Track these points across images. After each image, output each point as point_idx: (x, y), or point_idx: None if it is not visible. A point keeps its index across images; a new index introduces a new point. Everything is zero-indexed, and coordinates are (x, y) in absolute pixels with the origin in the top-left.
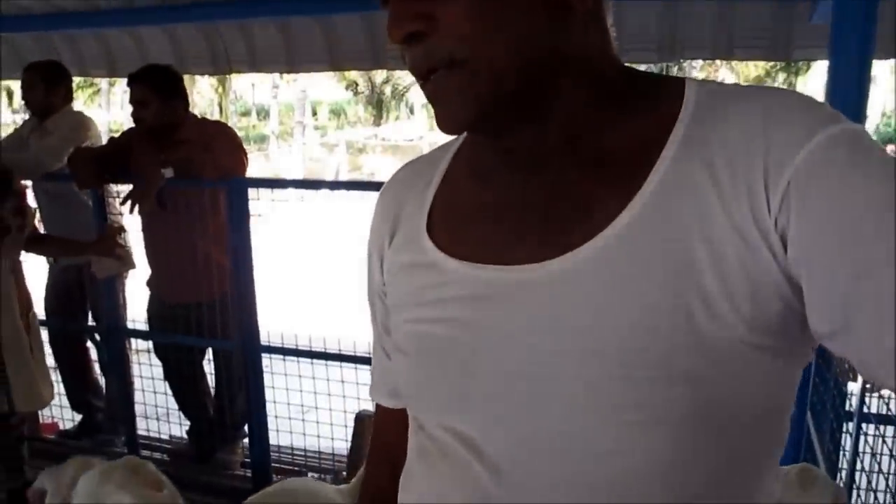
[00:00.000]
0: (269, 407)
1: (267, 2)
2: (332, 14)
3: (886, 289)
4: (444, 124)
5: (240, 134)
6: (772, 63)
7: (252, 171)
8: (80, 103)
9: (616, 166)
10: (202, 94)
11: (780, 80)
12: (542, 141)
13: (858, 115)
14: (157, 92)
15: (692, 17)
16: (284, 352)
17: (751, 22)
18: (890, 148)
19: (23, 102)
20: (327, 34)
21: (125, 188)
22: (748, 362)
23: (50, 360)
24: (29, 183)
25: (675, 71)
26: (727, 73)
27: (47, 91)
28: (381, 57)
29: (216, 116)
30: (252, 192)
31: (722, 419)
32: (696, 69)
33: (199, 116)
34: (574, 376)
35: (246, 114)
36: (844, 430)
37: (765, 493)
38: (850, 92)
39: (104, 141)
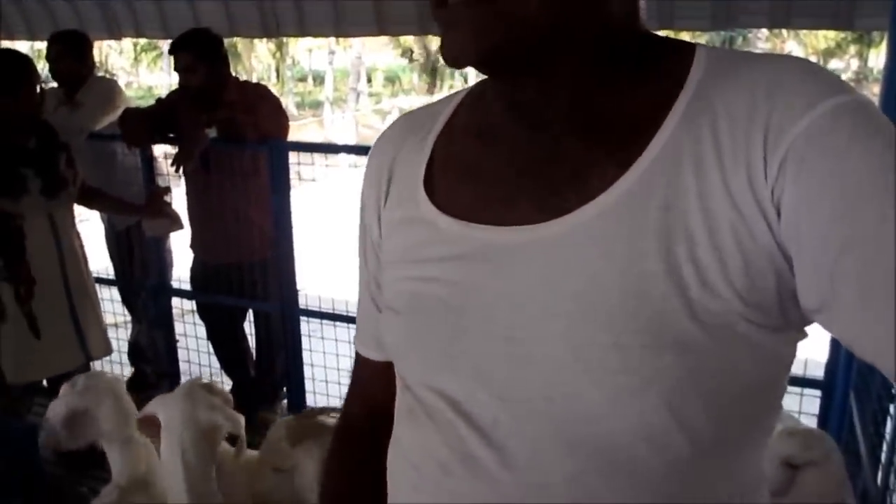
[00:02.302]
0: (307, 369)
1: None
2: None
3: (873, 263)
4: (452, 52)
5: (295, 99)
6: (843, 34)
7: (306, 136)
8: (142, 67)
9: (618, 132)
10: (260, 59)
11: (851, 52)
12: (547, 98)
13: None
14: (202, 58)
15: None
16: (322, 315)
17: None
18: None
19: (48, 73)
20: None
21: (170, 151)
22: (740, 335)
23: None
24: None
25: (739, 43)
26: (795, 45)
27: (75, 61)
28: (429, 22)
29: (273, 81)
30: (306, 157)
31: (711, 388)
32: (762, 39)
33: (240, 79)
34: (563, 340)
35: (303, 79)
36: (889, 412)
37: (752, 463)
38: None
39: (133, 104)
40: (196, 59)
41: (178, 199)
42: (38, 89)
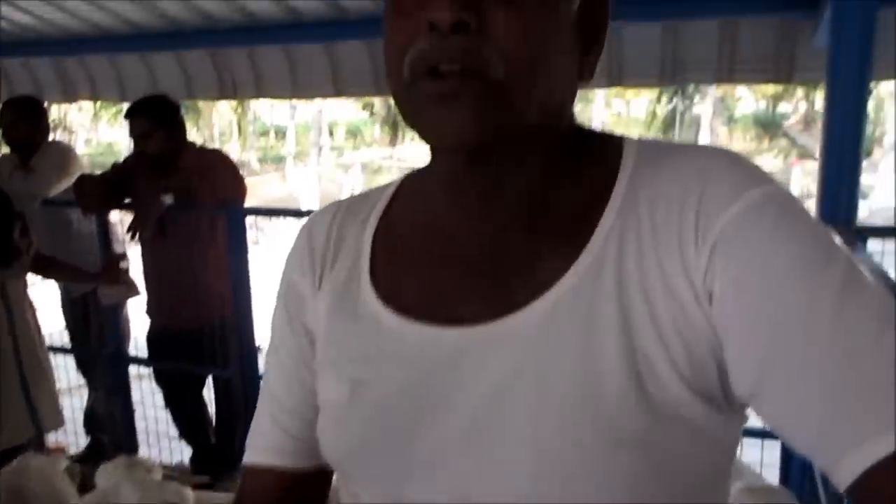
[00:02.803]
0: None
1: (273, 29)
2: (336, 41)
3: (798, 353)
4: (446, 131)
5: (257, 154)
6: None
7: (268, 190)
8: (102, 123)
9: (562, 225)
10: (221, 115)
11: (799, 95)
12: (502, 190)
13: (857, 138)
14: (158, 123)
15: (694, 40)
16: None
17: (753, 44)
18: None
19: (2, 138)
20: (332, 61)
21: (126, 217)
22: (691, 422)
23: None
24: None
25: (690, 89)
26: (744, 89)
27: (29, 127)
28: (384, 84)
29: (235, 137)
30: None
31: (668, 479)
32: (713, 85)
33: (197, 144)
34: (521, 443)
35: (264, 134)
36: None
37: None
38: (847, 116)
39: (87, 170)
40: (152, 126)
41: (136, 265)
42: None
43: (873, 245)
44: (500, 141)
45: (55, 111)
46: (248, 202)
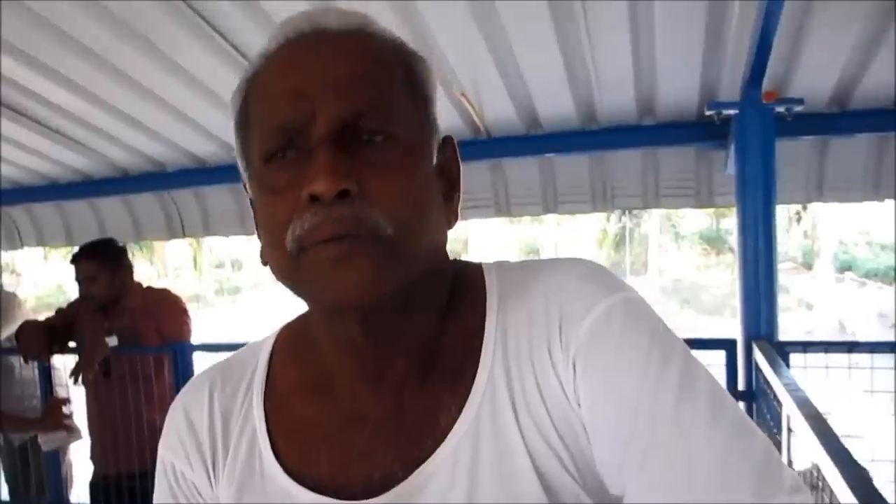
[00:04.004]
0: None
1: (220, 170)
2: None
3: (649, 458)
4: (353, 292)
5: (214, 286)
6: None
7: (224, 321)
8: (51, 264)
9: (450, 368)
10: (176, 249)
11: None
12: (394, 350)
13: (769, 259)
14: (103, 267)
15: (620, 169)
16: None
17: (673, 173)
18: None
19: None
20: None
21: (70, 360)
22: None
23: None
24: None
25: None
26: None
27: None
28: None
29: (191, 270)
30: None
31: None
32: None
33: (144, 284)
34: None
35: (220, 266)
36: None
37: None
38: (758, 237)
39: (31, 316)
40: (97, 270)
41: (80, 408)
42: None
43: (795, 359)
44: (395, 296)
45: (2, 255)
46: (204, 335)
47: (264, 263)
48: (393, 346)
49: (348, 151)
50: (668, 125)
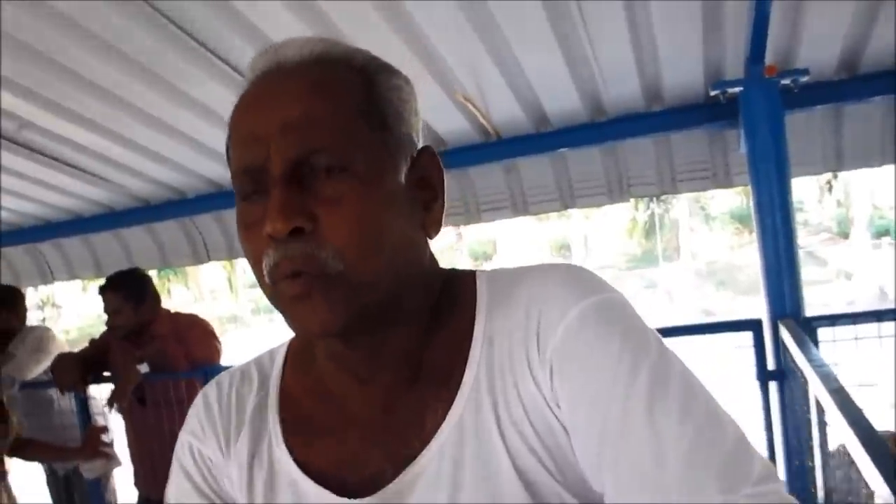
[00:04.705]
0: None
1: None
2: None
3: (622, 455)
4: (311, 324)
5: (250, 305)
6: None
7: (260, 339)
8: (93, 295)
9: (437, 371)
10: (210, 273)
11: None
12: (379, 357)
13: (788, 234)
14: (128, 298)
15: (633, 158)
16: None
17: (687, 156)
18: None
19: None
20: None
21: (106, 390)
22: None
23: None
24: None
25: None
26: None
27: (6, 315)
28: None
29: (226, 292)
30: None
31: None
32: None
33: (171, 311)
34: None
35: (254, 286)
36: None
37: None
38: (775, 213)
39: (67, 348)
40: (122, 301)
41: (120, 435)
42: None
43: (823, 334)
44: (361, 321)
45: (42, 290)
46: (241, 355)
47: None
48: (378, 355)
49: (303, 188)
50: (678, 109)
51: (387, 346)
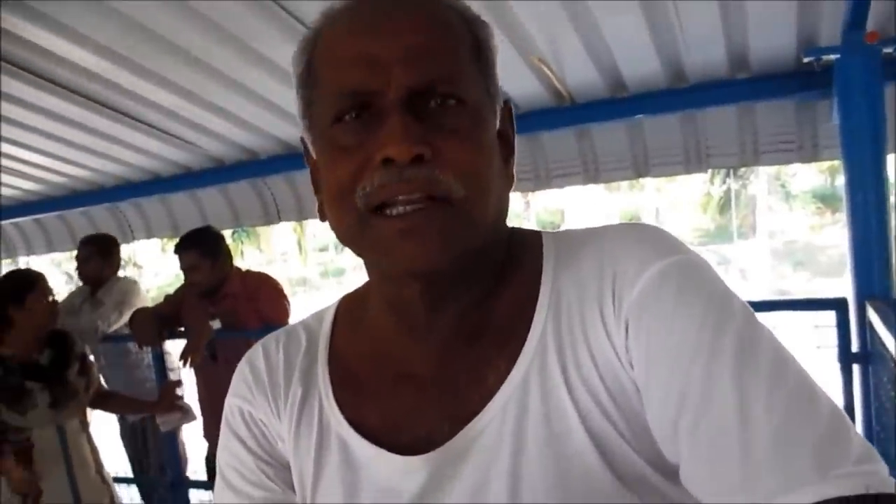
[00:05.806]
0: None
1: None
2: None
3: (704, 421)
4: (421, 260)
5: (319, 269)
6: None
7: (329, 302)
8: (169, 255)
9: (501, 329)
10: (281, 235)
11: None
12: (445, 309)
13: (880, 212)
14: (205, 255)
15: (714, 127)
16: None
17: (772, 127)
18: None
19: (76, 272)
20: None
21: (181, 345)
22: (652, 486)
23: None
24: None
25: (742, 170)
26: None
27: (101, 263)
28: None
29: (296, 255)
30: None
31: None
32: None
33: (242, 270)
34: None
35: (324, 249)
36: None
37: None
38: (867, 190)
39: (148, 303)
40: (199, 258)
41: (191, 390)
42: (50, 301)
43: None
44: (462, 260)
45: (124, 250)
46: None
47: (322, 219)
48: (445, 307)
49: (419, 117)
50: (765, 77)
51: (457, 299)
